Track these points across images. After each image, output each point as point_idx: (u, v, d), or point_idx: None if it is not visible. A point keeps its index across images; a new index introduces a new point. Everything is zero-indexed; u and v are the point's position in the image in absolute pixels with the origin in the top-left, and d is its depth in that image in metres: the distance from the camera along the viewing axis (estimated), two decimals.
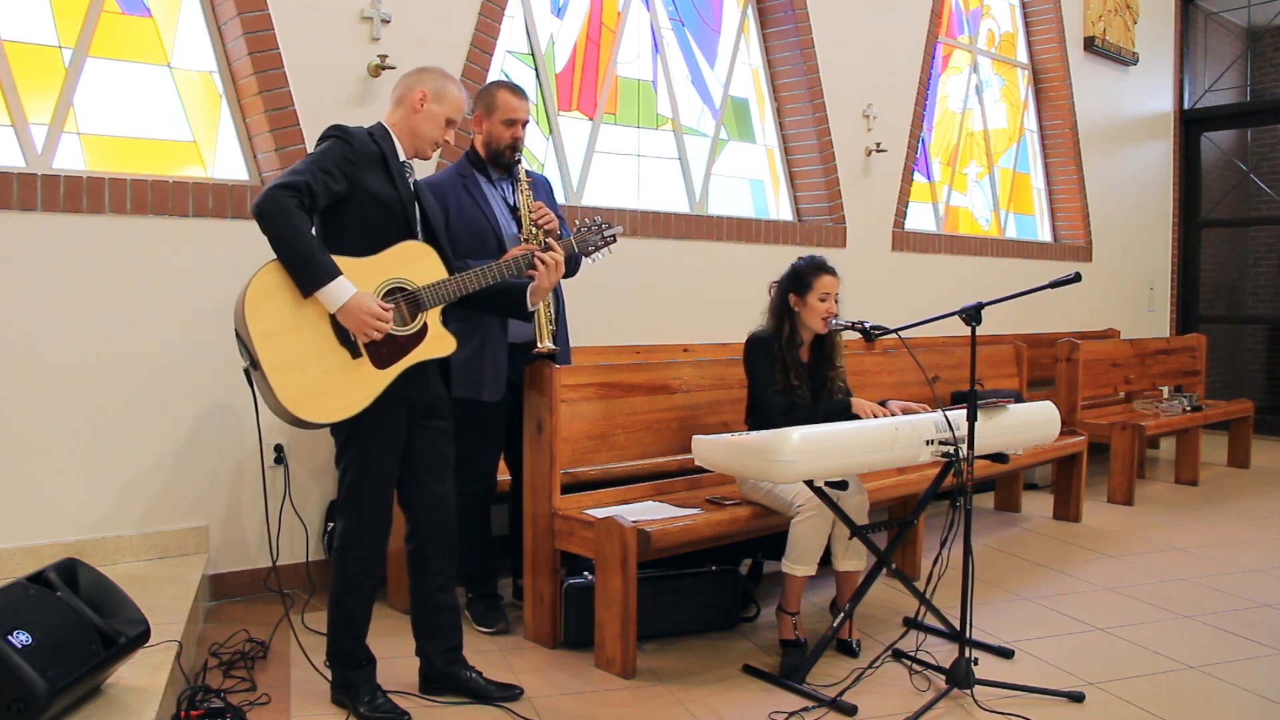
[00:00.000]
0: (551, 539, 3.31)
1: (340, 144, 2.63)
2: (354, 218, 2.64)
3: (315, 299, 2.51)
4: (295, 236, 2.47)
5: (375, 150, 2.69)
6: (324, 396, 2.52)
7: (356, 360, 2.57)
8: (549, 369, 3.28)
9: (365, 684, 2.75)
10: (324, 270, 2.49)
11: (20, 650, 2.09)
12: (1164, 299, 8.71)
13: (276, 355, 2.48)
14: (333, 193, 2.58)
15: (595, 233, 3.04)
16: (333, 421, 2.57)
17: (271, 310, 2.49)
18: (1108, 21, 7.76)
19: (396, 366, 2.62)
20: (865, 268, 5.82)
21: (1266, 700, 2.99)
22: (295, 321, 2.51)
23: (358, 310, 2.52)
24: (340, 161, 2.60)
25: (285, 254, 2.49)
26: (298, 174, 2.53)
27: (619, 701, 2.93)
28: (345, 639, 2.75)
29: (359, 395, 2.56)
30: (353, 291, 2.51)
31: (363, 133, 2.70)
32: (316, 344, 2.53)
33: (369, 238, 2.63)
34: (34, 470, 3.33)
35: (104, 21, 3.63)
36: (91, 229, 3.42)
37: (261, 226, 2.49)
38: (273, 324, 2.49)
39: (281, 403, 2.49)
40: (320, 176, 2.54)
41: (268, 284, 2.50)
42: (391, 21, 4.03)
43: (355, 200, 2.63)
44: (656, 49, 5.29)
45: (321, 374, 2.52)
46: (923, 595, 3.17)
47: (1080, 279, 3.04)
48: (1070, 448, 5.08)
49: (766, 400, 3.38)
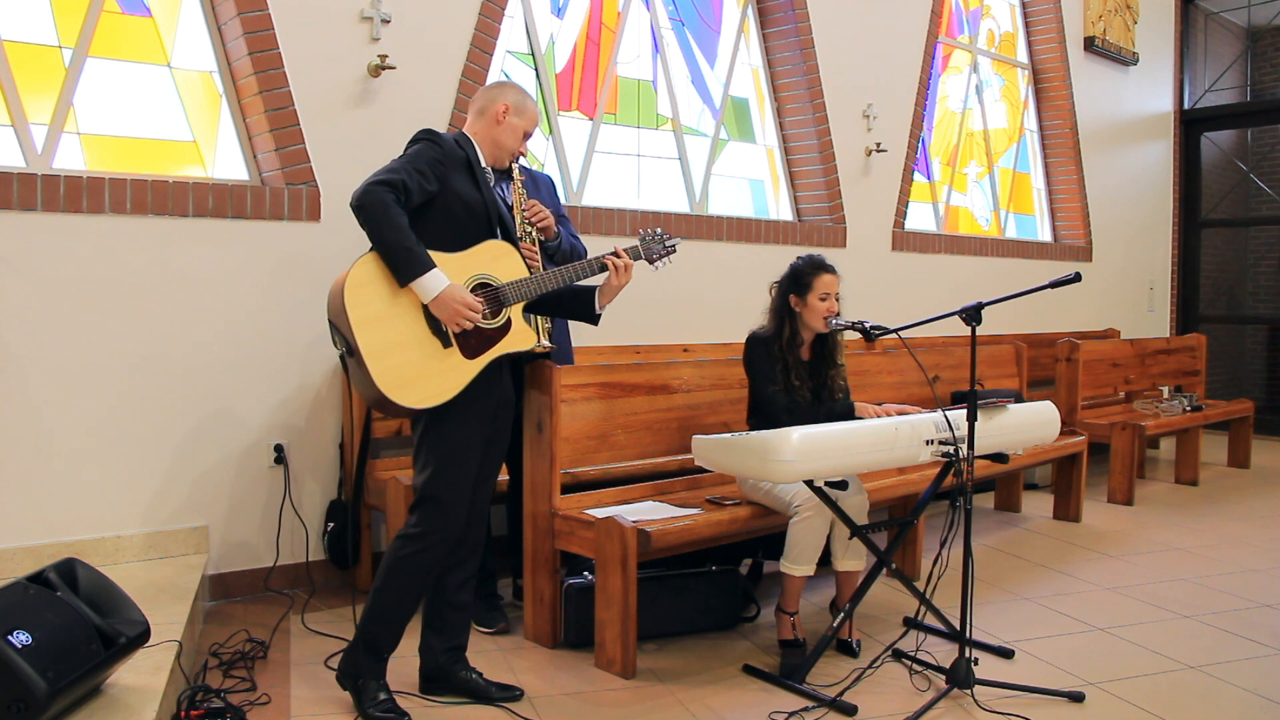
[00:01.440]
0: (551, 539, 3.31)
1: (432, 146, 2.74)
2: (441, 217, 2.73)
3: (410, 289, 2.62)
4: (394, 229, 2.58)
5: (462, 155, 2.80)
6: (417, 382, 2.62)
7: (447, 350, 2.67)
8: (549, 369, 3.29)
9: (374, 679, 2.74)
10: (420, 262, 2.60)
11: (20, 650, 2.09)
12: (1164, 299, 8.71)
13: (373, 341, 2.58)
14: (425, 192, 2.69)
15: (658, 242, 3.13)
16: (426, 407, 2.65)
17: (369, 298, 2.60)
18: (1108, 21, 7.76)
19: (485, 357, 2.72)
20: (865, 268, 5.82)
21: (1266, 700, 2.99)
22: (390, 310, 2.62)
23: (450, 300, 2.62)
24: (433, 163, 2.71)
25: (383, 246, 2.60)
26: (394, 172, 2.64)
27: (619, 701, 2.93)
28: (381, 631, 2.74)
29: (450, 383, 2.66)
30: (446, 283, 2.62)
31: (451, 138, 2.81)
32: (410, 332, 2.63)
33: (455, 236, 2.74)
34: (34, 470, 3.33)
35: (104, 21, 3.63)
36: (91, 229, 3.42)
37: (360, 219, 2.59)
38: (370, 311, 2.59)
39: (378, 387, 2.57)
40: (415, 176, 2.66)
41: (365, 273, 2.61)
42: (391, 21, 4.03)
43: (443, 200, 2.73)
44: (656, 49, 5.29)
45: (414, 361, 2.62)
46: (923, 595, 3.17)
47: (1080, 279, 3.04)
48: (1070, 448, 5.08)
49: (770, 399, 3.37)
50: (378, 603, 2.74)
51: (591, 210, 4.73)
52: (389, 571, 2.73)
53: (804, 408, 3.33)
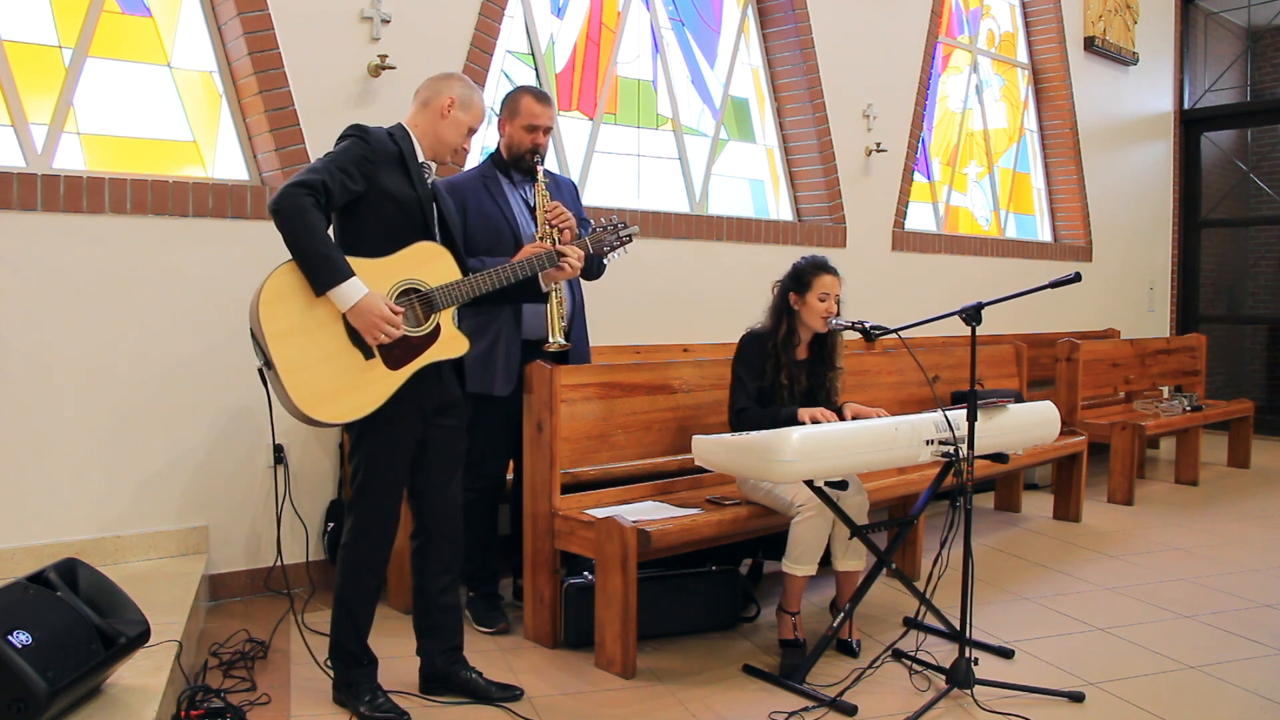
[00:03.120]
0: (551, 539, 3.31)
1: (359, 143, 2.65)
2: (371, 217, 2.65)
3: (328, 299, 2.52)
4: (310, 235, 2.49)
5: (394, 150, 2.71)
6: (336, 397, 2.54)
7: (369, 361, 2.58)
8: (548, 369, 3.29)
9: (366, 684, 2.75)
10: (337, 270, 2.51)
11: (20, 650, 2.09)
12: (1164, 299, 8.71)
13: (290, 356, 2.50)
14: (350, 192, 2.60)
15: (611, 233, 3.09)
16: (344, 422, 2.59)
17: (285, 310, 2.51)
18: (1108, 21, 7.76)
19: (409, 367, 2.63)
20: (865, 268, 5.82)
21: (1266, 700, 2.99)
22: (309, 322, 2.53)
23: (368, 312, 2.53)
24: (359, 161, 2.61)
25: (299, 252, 2.51)
26: (315, 172, 2.54)
27: (619, 701, 2.93)
28: (348, 638, 2.75)
29: (371, 396, 2.58)
30: (364, 292, 2.53)
31: (382, 133, 2.72)
32: (329, 345, 2.54)
33: (386, 237, 2.65)
34: (34, 470, 3.33)
35: (104, 21, 3.63)
36: (91, 229, 3.42)
37: (276, 223, 2.51)
38: (286, 324, 2.50)
39: (295, 403, 2.51)
40: (338, 175, 2.56)
41: (282, 284, 2.52)
42: (391, 21, 4.03)
43: (373, 200, 2.65)
44: (656, 49, 5.29)
45: (334, 375, 2.54)
46: (923, 595, 3.17)
47: (1080, 279, 3.04)
48: (1070, 448, 5.08)
49: (733, 394, 3.44)
50: (338, 613, 2.76)
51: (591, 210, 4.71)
52: (341, 579, 2.75)
53: (753, 412, 3.35)
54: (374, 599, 2.78)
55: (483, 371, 3.39)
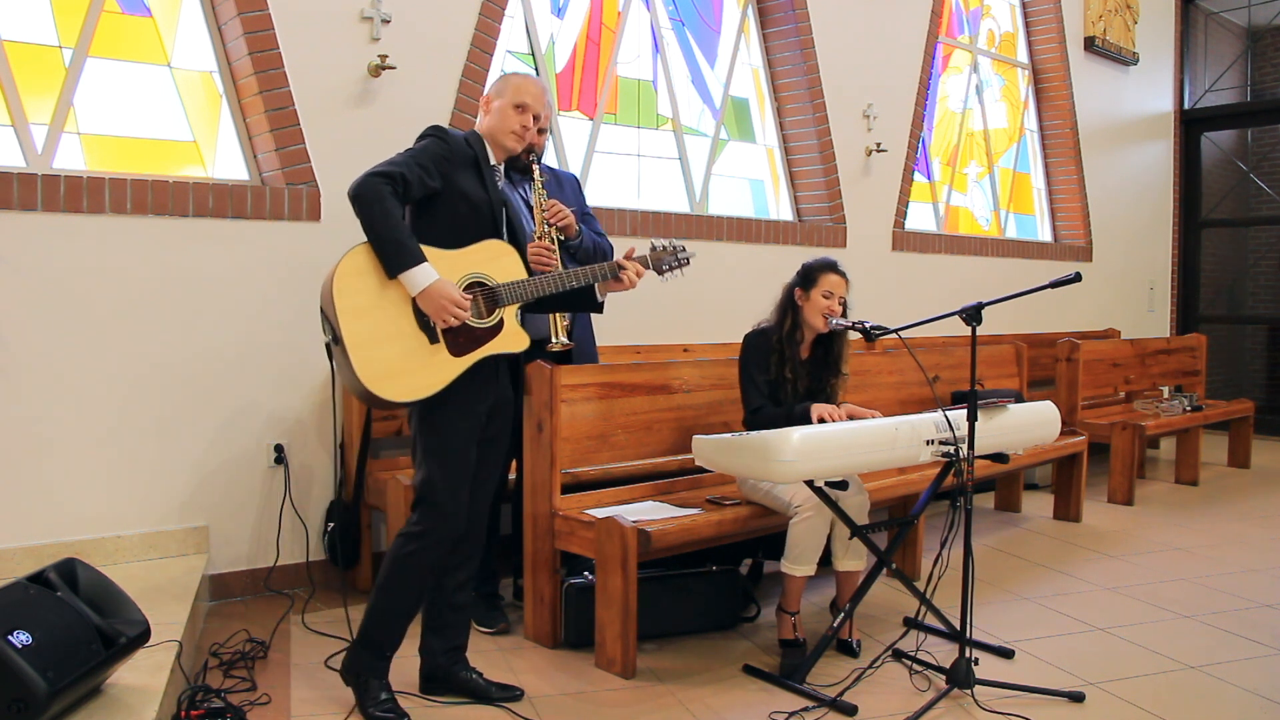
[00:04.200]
0: (552, 539, 3.31)
1: (438, 143, 2.73)
2: (445, 214, 2.73)
3: (399, 282, 2.59)
4: (386, 221, 2.57)
5: (470, 153, 2.78)
6: (399, 376, 2.60)
7: (434, 345, 2.65)
8: (548, 369, 3.29)
9: (377, 679, 2.74)
10: (410, 254, 2.58)
11: (20, 650, 2.09)
12: (1164, 299, 8.71)
13: (358, 331, 2.56)
14: (427, 187, 2.67)
15: (671, 254, 3.09)
16: (404, 401, 2.63)
17: (358, 288, 2.58)
18: (1108, 21, 7.76)
19: (471, 356, 2.69)
20: (865, 268, 5.81)
21: (1266, 700, 2.99)
22: (379, 301, 2.60)
23: (437, 295, 2.59)
24: (437, 159, 2.69)
25: (375, 236, 2.59)
26: (395, 165, 2.63)
27: (619, 701, 2.93)
28: (379, 627, 2.73)
29: (433, 379, 2.63)
30: (435, 277, 2.60)
31: (460, 136, 2.79)
32: (397, 325, 2.61)
33: (458, 234, 2.72)
34: (34, 470, 3.33)
35: (104, 21, 3.63)
36: (91, 229, 3.42)
37: (355, 209, 2.58)
38: (357, 301, 2.57)
39: (359, 378, 2.55)
40: (416, 170, 2.64)
41: (357, 263, 2.59)
42: (391, 21, 4.03)
43: (448, 198, 2.72)
44: (656, 49, 5.28)
45: (399, 354, 2.60)
46: (923, 595, 3.17)
47: (1080, 279, 3.04)
48: (1070, 448, 5.08)
49: (745, 394, 3.44)
50: (379, 601, 2.74)
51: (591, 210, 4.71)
52: (390, 570, 2.73)
53: (767, 411, 3.35)
54: (419, 598, 2.78)
55: None
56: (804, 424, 3.17)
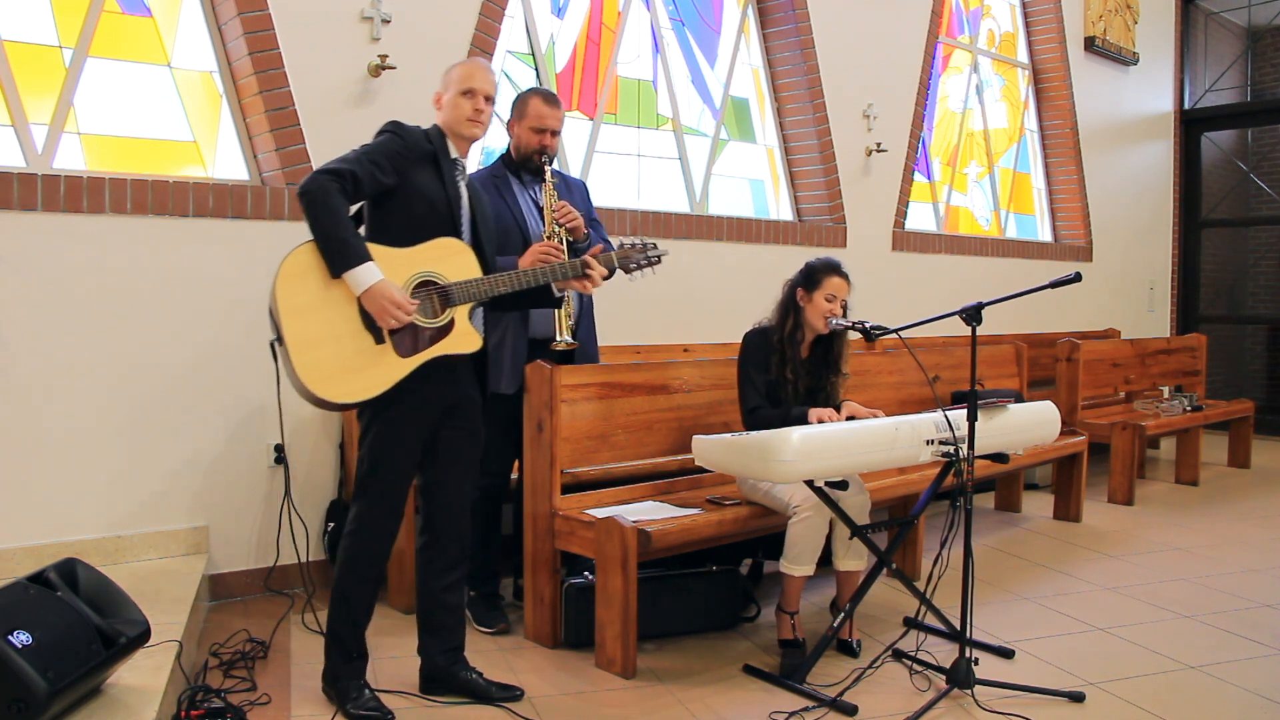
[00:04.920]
0: (552, 539, 3.31)
1: (394, 139, 2.70)
2: (401, 211, 2.70)
3: (343, 281, 2.56)
4: (331, 219, 2.55)
5: (429, 149, 2.75)
6: (342, 377, 2.57)
7: (380, 346, 2.61)
8: (548, 369, 3.29)
9: (353, 679, 2.75)
10: (354, 253, 2.56)
11: (20, 650, 2.09)
12: (1164, 299, 8.71)
13: (301, 332, 2.54)
14: (380, 183, 2.65)
15: (640, 251, 3.09)
16: (347, 402, 2.61)
17: (302, 288, 2.55)
18: (1108, 21, 7.76)
19: (419, 357, 2.66)
20: (865, 268, 5.79)
21: (1266, 700, 2.99)
22: (323, 302, 2.57)
23: (380, 296, 2.56)
24: (392, 155, 2.67)
25: (319, 235, 2.57)
26: (346, 162, 2.61)
27: (619, 701, 2.93)
28: (342, 627, 2.76)
29: (377, 380, 2.60)
30: (378, 277, 2.57)
31: (419, 131, 2.77)
32: (342, 325, 2.58)
33: (414, 232, 2.70)
34: (34, 470, 3.33)
35: (104, 21, 3.63)
36: (91, 229, 3.42)
37: (302, 206, 2.57)
38: (301, 301, 2.55)
39: (300, 379, 2.53)
40: (369, 167, 2.62)
41: (301, 263, 2.57)
42: (391, 21, 4.02)
43: (404, 195, 2.70)
44: (656, 49, 5.28)
45: (343, 355, 2.57)
46: (923, 595, 3.17)
47: (1080, 279, 3.04)
48: (1070, 448, 5.08)
49: (742, 394, 3.44)
50: (335, 605, 2.76)
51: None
52: (339, 570, 2.76)
53: (765, 412, 3.35)
54: (373, 591, 2.79)
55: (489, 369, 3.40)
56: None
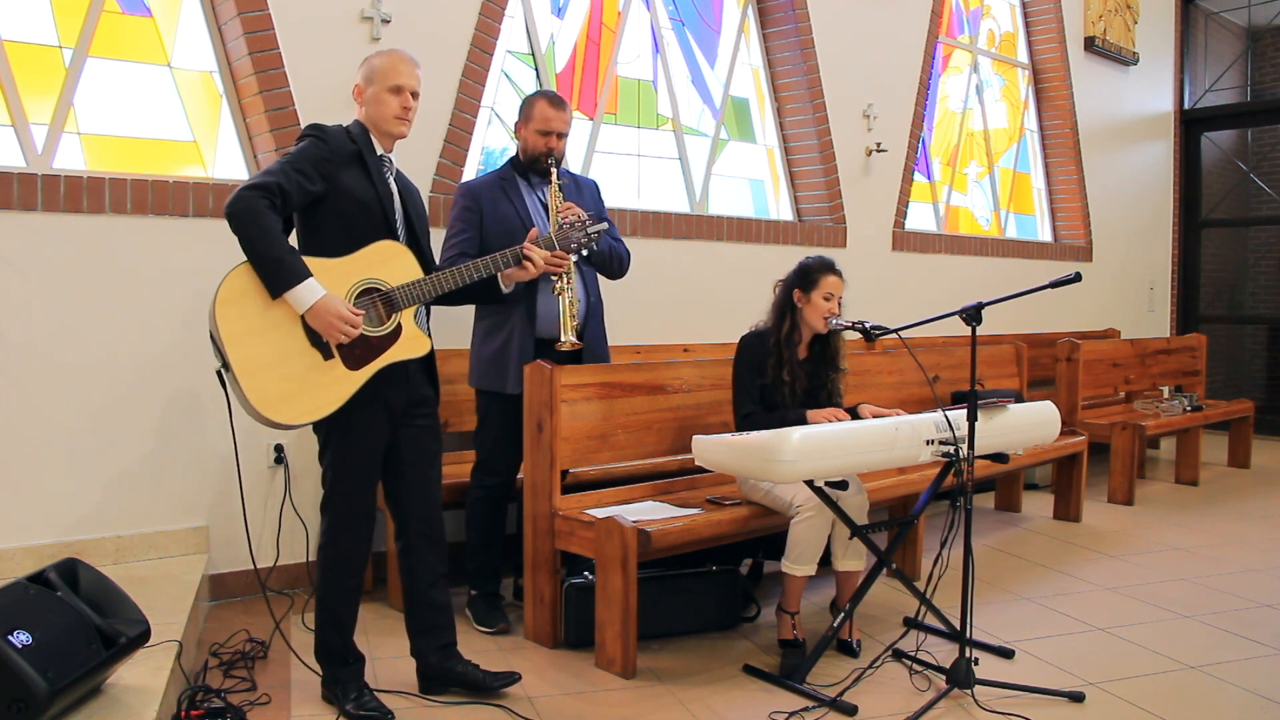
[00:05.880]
0: (552, 539, 3.31)
1: (317, 143, 2.63)
2: (332, 217, 2.64)
3: (284, 301, 2.50)
4: (264, 238, 2.47)
5: (352, 148, 2.68)
6: (295, 398, 2.52)
7: (329, 362, 2.56)
8: (548, 369, 3.29)
9: (352, 681, 2.75)
10: (292, 272, 2.49)
11: (20, 650, 2.09)
12: (1164, 299, 8.71)
13: (247, 357, 2.48)
14: (308, 193, 2.58)
15: (578, 229, 3.07)
16: (302, 423, 2.56)
17: (241, 312, 2.49)
18: (1108, 21, 7.76)
19: (370, 367, 2.61)
20: (865, 268, 5.82)
21: (1267, 700, 2.99)
22: (266, 323, 2.51)
23: (325, 313, 2.51)
24: (316, 161, 2.60)
25: (254, 255, 2.49)
26: (270, 174, 2.53)
27: (619, 701, 2.93)
28: (330, 637, 2.76)
29: (330, 397, 2.56)
30: (321, 294, 2.50)
31: (340, 130, 2.69)
32: (287, 345, 2.52)
33: (348, 236, 2.63)
34: (34, 470, 3.33)
35: (104, 21, 3.63)
36: (91, 229, 3.42)
37: (231, 227, 2.49)
38: (243, 325, 2.49)
39: (252, 404, 2.49)
40: (294, 177, 2.55)
41: (238, 286, 2.50)
42: (391, 21, 4.02)
43: (333, 199, 2.63)
44: (656, 49, 5.28)
45: (292, 376, 2.52)
46: (923, 595, 3.17)
47: (1080, 279, 3.04)
48: (1070, 448, 5.08)
49: (736, 399, 3.44)
50: (320, 613, 2.77)
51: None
52: (320, 582, 2.77)
53: (759, 414, 3.34)
54: (354, 598, 2.79)
55: (495, 370, 3.43)
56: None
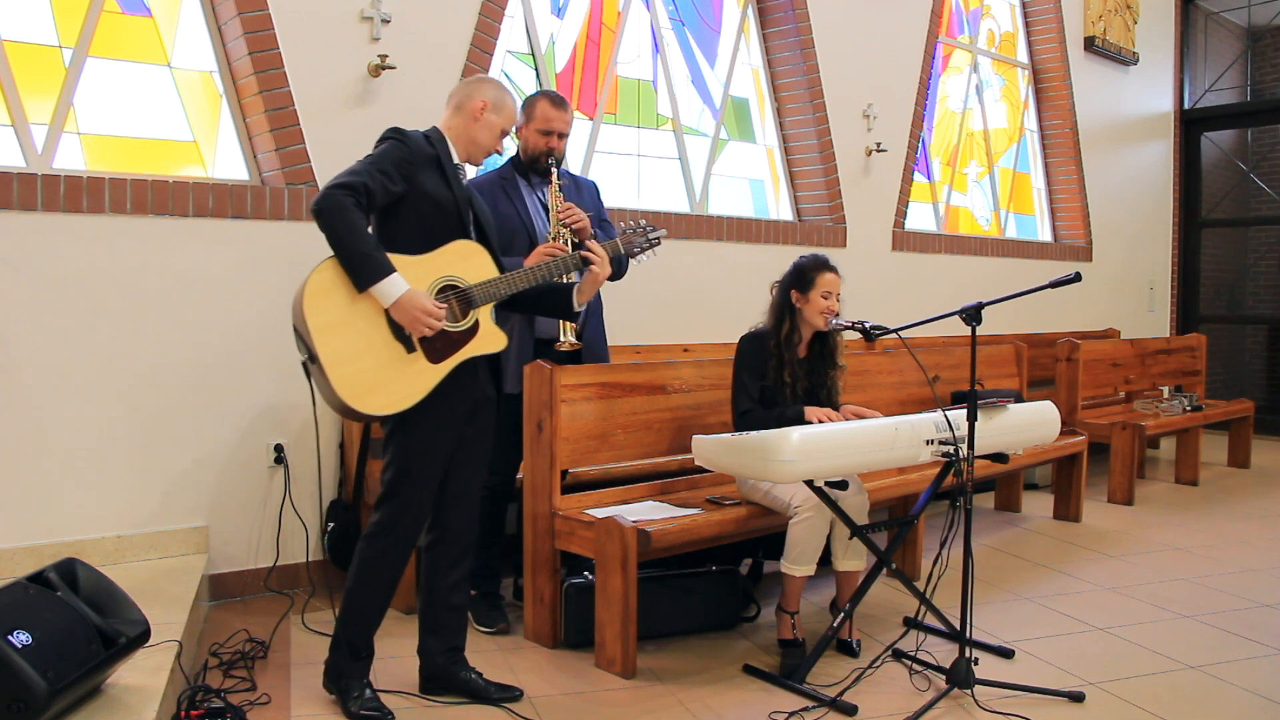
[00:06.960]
0: (552, 539, 3.31)
1: (399, 145, 2.69)
2: (410, 217, 2.70)
3: (370, 295, 2.56)
4: (352, 234, 2.53)
5: (431, 153, 2.74)
6: (379, 389, 2.58)
7: (411, 355, 2.62)
8: (547, 369, 3.29)
9: (357, 679, 2.75)
10: (379, 267, 2.55)
11: (20, 650, 2.09)
12: (1164, 299, 8.71)
13: (334, 349, 2.54)
14: (391, 193, 2.64)
15: (640, 234, 3.09)
16: (388, 414, 2.61)
17: (329, 305, 2.55)
18: (1108, 21, 7.76)
19: (450, 361, 2.67)
20: (865, 268, 5.82)
21: (1266, 700, 2.99)
22: (351, 316, 2.57)
23: (410, 306, 2.57)
24: (399, 163, 2.66)
25: (342, 251, 2.55)
26: (356, 174, 2.59)
27: (619, 701, 2.93)
28: (353, 628, 2.75)
29: (414, 389, 2.62)
30: (405, 288, 2.57)
31: (419, 135, 2.76)
32: (372, 338, 2.58)
33: (424, 236, 2.69)
34: (34, 470, 3.33)
35: (104, 21, 3.63)
36: (91, 229, 3.42)
37: (319, 224, 2.55)
38: (330, 318, 2.55)
39: (339, 394, 2.53)
40: (378, 177, 2.61)
41: (325, 280, 2.56)
42: (391, 21, 4.02)
43: (412, 200, 2.69)
44: (656, 49, 5.28)
45: (377, 367, 2.58)
46: (923, 595, 3.17)
47: (1080, 279, 3.04)
48: (1070, 448, 5.08)
49: (735, 398, 3.43)
50: (349, 603, 2.76)
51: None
52: (358, 571, 2.75)
53: (757, 413, 3.34)
54: (389, 595, 2.79)
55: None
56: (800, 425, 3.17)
